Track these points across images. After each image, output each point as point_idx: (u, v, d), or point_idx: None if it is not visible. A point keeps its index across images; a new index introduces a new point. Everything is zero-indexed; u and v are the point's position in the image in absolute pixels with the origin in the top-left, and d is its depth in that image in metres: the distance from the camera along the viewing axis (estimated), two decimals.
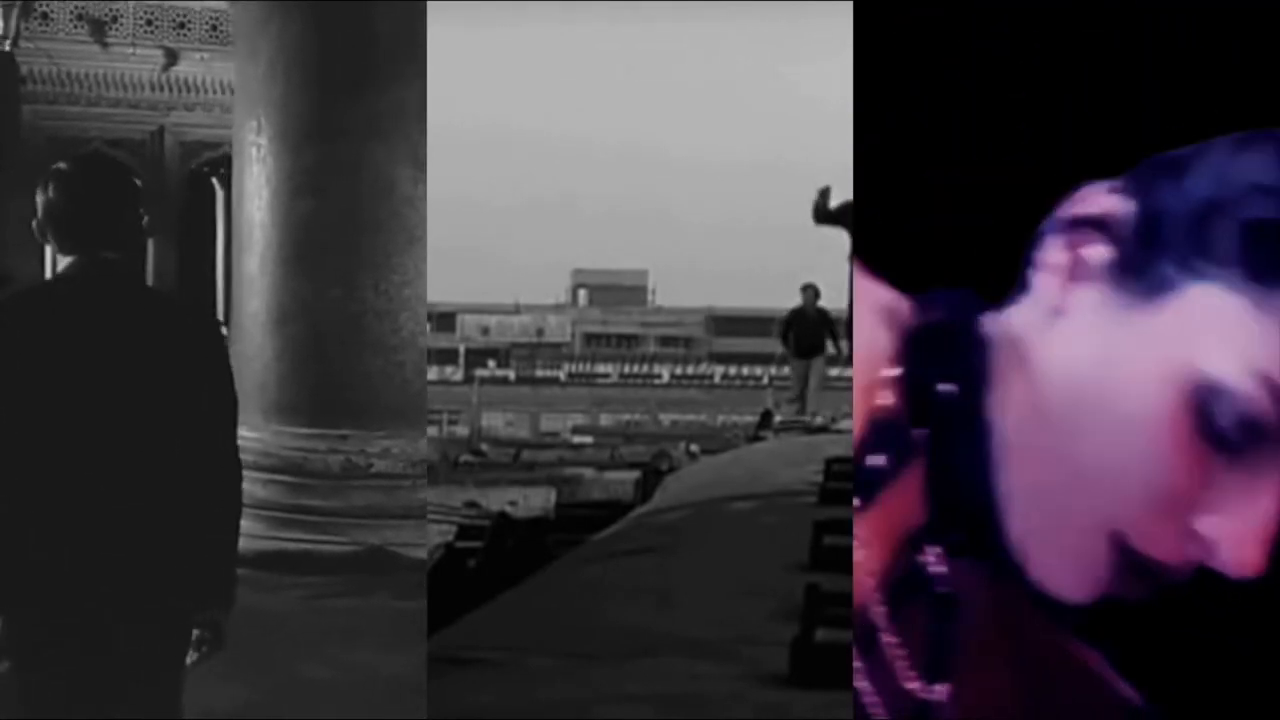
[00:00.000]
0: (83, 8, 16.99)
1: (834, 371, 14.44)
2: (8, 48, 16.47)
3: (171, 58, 17.79)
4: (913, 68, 2.29)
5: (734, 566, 5.76)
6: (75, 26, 17.18)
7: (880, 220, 2.31)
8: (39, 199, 2.77)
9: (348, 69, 7.60)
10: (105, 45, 17.20)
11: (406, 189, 7.63)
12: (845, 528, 5.03)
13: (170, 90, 17.97)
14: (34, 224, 2.79)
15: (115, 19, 17.48)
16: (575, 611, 5.21)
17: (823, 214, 12.01)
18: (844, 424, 11.80)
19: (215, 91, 17.73)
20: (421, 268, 7.73)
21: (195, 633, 2.75)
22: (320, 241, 7.73)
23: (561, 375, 49.85)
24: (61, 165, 2.85)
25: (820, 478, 7.19)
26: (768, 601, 4.70)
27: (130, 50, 17.62)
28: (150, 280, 17.83)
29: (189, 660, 2.77)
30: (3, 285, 15.96)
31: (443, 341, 47.86)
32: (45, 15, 16.69)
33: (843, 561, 4.71)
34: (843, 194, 11.80)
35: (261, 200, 7.89)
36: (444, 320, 49.25)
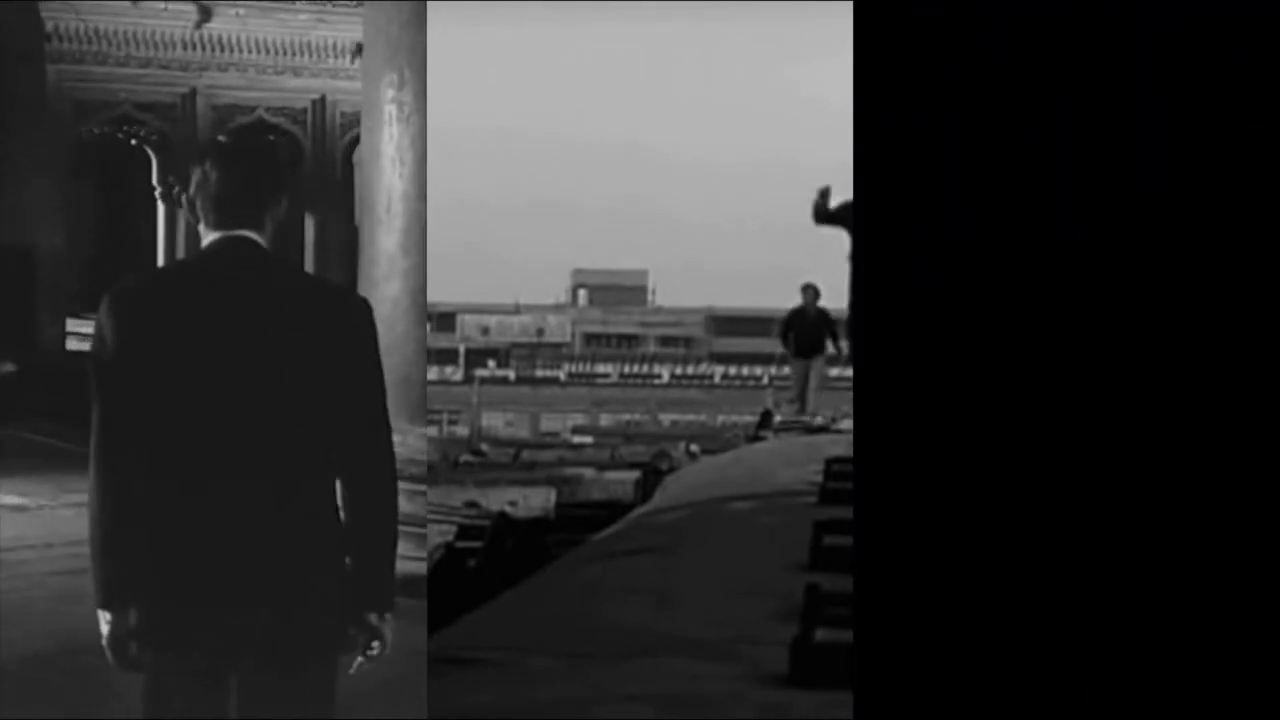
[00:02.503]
0: None
1: (834, 371, 14.42)
2: None
3: (205, 14, 16.68)
4: (913, 68, 2.29)
5: (734, 566, 5.76)
6: None
7: (880, 220, 2.31)
8: (194, 173, 2.63)
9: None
10: (135, 0, 16.36)
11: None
12: (845, 528, 5.05)
13: (203, 49, 16.84)
14: (183, 198, 2.67)
15: None
16: (575, 611, 5.21)
17: (823, 214, 12.00)
18: (844, 424, 11.80)
19: (250, 51, 16.96)
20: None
21: (361, 639, 2.62)
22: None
23: (561, 375, 49.85)
24: (221, 139, 2.75)
25: (820, 478, 7.19)
26: (768, 601, 4.70)
27: (162, 6, 16.51)
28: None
29: (356, 664, 2.65)
30: (26, 260, 15.29)
31: (443, 341, 47.85)
32: None
33: (843, 561, 4.73)
34: (843, 194, 11.79)
35: (404, 168, 7.09)
36: (444, 320, 49.23)
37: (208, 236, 2.63)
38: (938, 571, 2.27)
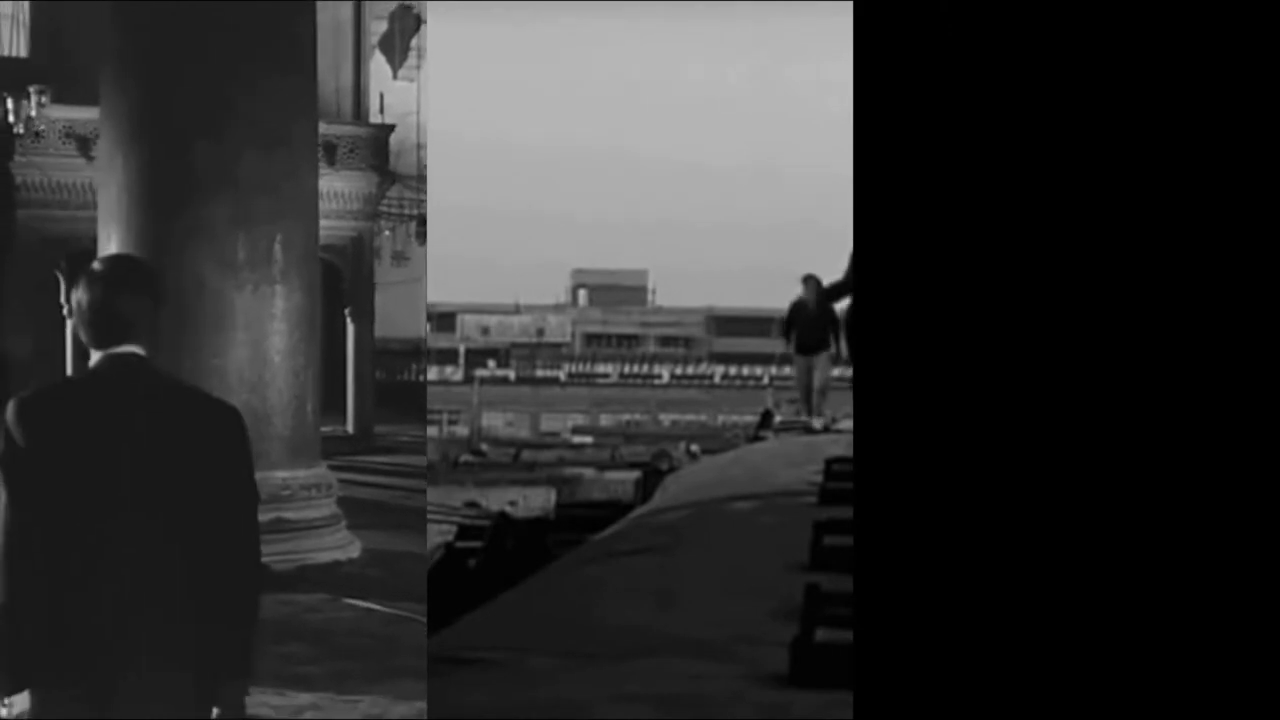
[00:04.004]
0: (69, 126, 19.11)
1: (834, 372, 14.04)
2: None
3: None
4: (913, 68, 2.29)
5: (734, 566, 5.77)
6: (63, 142, 19.37)
7: (880, 220, 2.31)
8: (75, 297, 2.88)
9: (170, 194, 9.68)
10: (90, 158, 18.72)
11: (214, 283, 9.60)
12: (845, 528, 5.06)
13: None
14: (71, 322, 2.93)
15: (98, 135, 18.44)
16: (575, 611, 5.21)
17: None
18: (844, 424, 11.78)
19: None
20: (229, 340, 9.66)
21: (216, 710, 2.85)
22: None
23: (561, 375, 49.86)
24: (94, 266, 2.96)
25: (820, 478, 7.20)
26: (768, 601, 4.70)
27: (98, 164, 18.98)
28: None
29: None
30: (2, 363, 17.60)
31: (443, 341, 47.87)
32: (37, 134, 18.91)
33: (843, 561, 4.73)
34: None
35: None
36: (444, 320, 49.26)
37: (94, 355, 2.90)
38: (938, 571, 2.27)
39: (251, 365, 9.74)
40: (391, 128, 22.07)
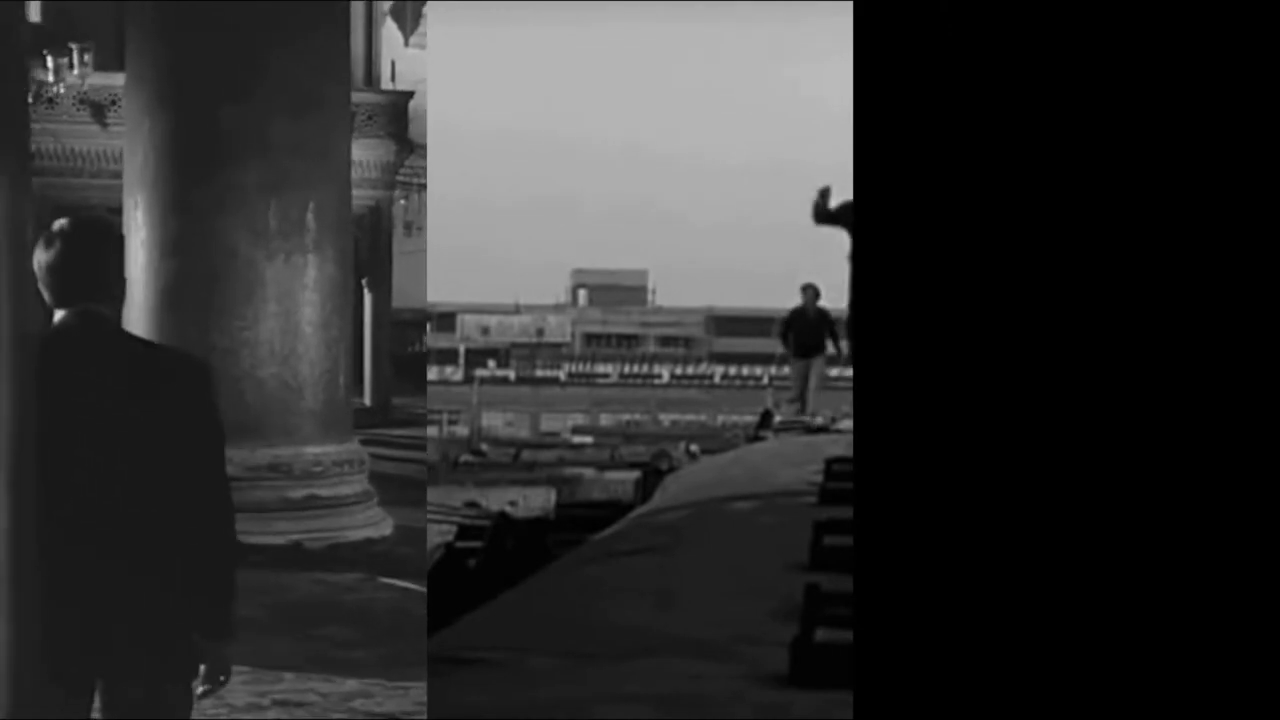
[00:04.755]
0: (84, 93, 18.92)
1: (834, 372, 14.35)
2: None
3: None
4: (913, 68, 2.29)
5: (734, 566, 5.76)
6: (78, 109, 19.19)
7: (880, 220, 2.31)
8: (36, 256, 2.86)
9: (199, 159, 9.46)
10: (105, 125, 18.91)
11: (246, 252, 9.42)
12: (845, 528, 5.05)
13: None
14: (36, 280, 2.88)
15: (113, 102, 18.63)
16: (575, 611, 5.21)
17: (822, 214, 11.96)
18: (844, 424, 11.79)
19: None
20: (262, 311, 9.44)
21: (203, 667, 2.83)
22: (180, 293, 9.41)
23: (561, 375, 49.86)
24: (56, 225, 2.96)
25: (820, 478, 7.19)
26: (768, 601, 4.70)
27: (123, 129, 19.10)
28: None
29: (199, 691, 2.86)
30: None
31: (443, 341, 47.84)
32: (51, 100, 18.79)
33: (843, 561, 4.73)
34: (842, 194, 11.78)
35: (139, 261, 9.38)
36: (444, 320, 49.23)
37: (56, 313, 2.88)
38: (938, 571, 2.27)
39: (283, 337, 9.47)
40: (410, 94, 21.51)
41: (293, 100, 9.41)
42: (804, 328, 13.78)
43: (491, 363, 50.19)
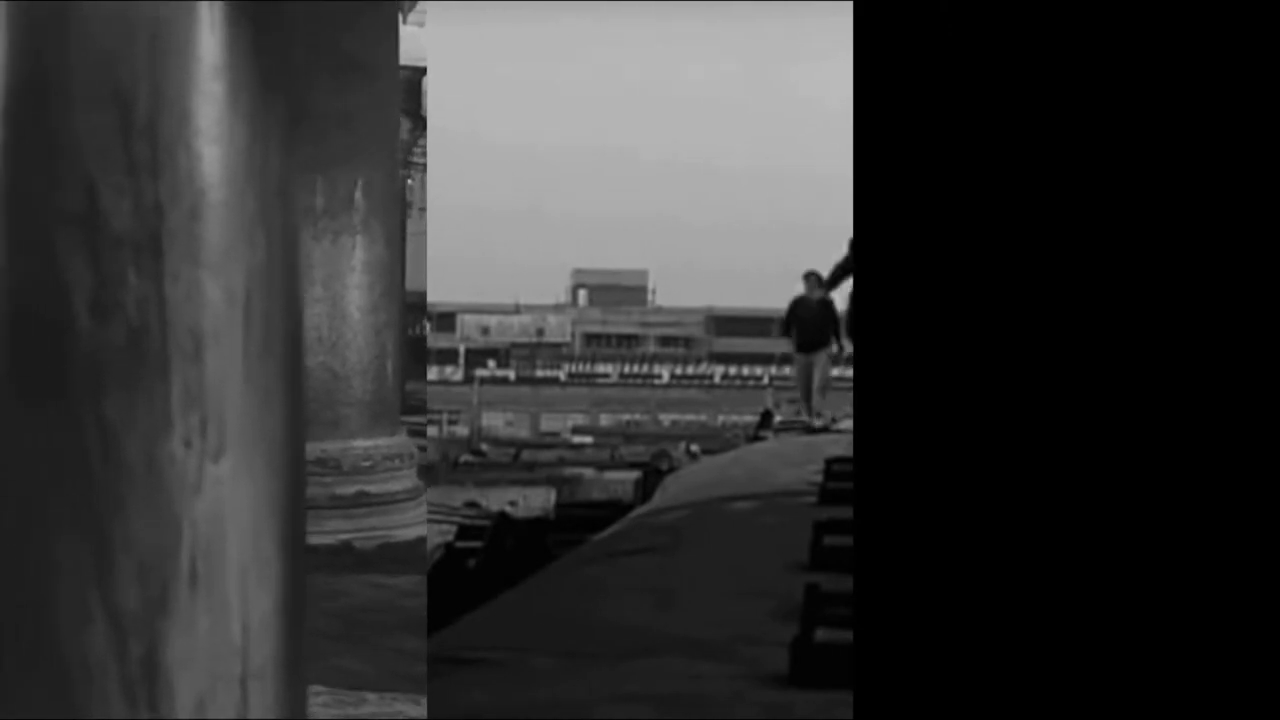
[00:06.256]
0: None
1: (834, 371, 13.86)
2: None
3: None
4: (913, 68, 2.29)
5: (734, 566, 5.76)
6: None
7: (880, 220, 2.31)
8: None
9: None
10: None
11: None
12: (845, 528, 5.06)
13: None
14: None
15: None
16: (575, 611, 5.20)
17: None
18: (844, 424, 11.79)
19: None
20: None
21: None
22: None
23: (561, 375, 49.90)
24: None
25: (820, 478, 7.20)
26: (768, 601, 4.70)
27: None
28: None
29: None
30: None
31: (443, 341, 47.85)
32: None
33: (843, 561, 4.71)
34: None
35: None
36: (444, 320, 49.23)
37: None
38: (938, 571, 2.27)
39: (330, 323, 8.79)
40: (424, 70, 20.48)
41: (340, 66, 8.60)
42: (806, 320, 13.08)
43: (491, 363, 50.22)
